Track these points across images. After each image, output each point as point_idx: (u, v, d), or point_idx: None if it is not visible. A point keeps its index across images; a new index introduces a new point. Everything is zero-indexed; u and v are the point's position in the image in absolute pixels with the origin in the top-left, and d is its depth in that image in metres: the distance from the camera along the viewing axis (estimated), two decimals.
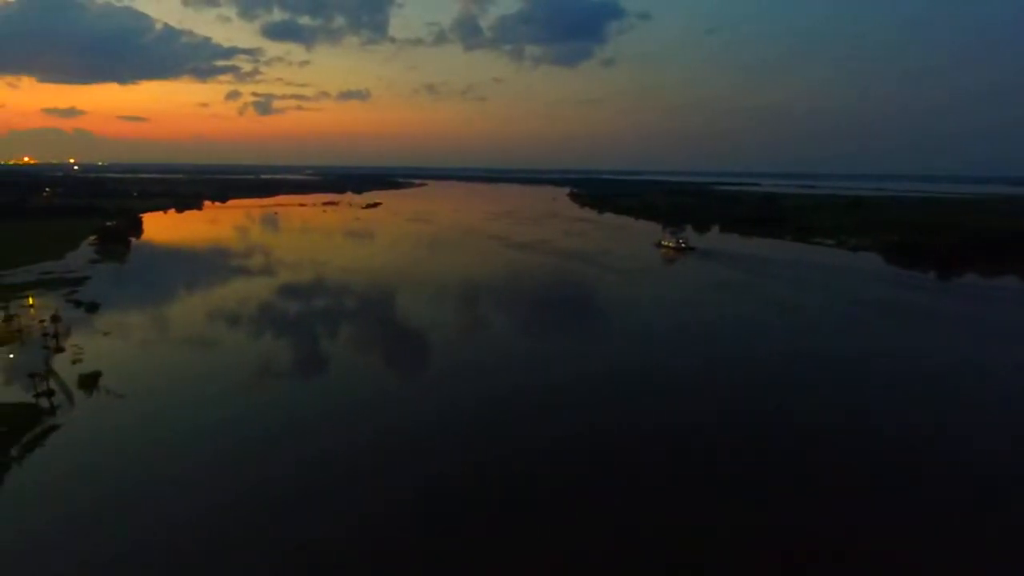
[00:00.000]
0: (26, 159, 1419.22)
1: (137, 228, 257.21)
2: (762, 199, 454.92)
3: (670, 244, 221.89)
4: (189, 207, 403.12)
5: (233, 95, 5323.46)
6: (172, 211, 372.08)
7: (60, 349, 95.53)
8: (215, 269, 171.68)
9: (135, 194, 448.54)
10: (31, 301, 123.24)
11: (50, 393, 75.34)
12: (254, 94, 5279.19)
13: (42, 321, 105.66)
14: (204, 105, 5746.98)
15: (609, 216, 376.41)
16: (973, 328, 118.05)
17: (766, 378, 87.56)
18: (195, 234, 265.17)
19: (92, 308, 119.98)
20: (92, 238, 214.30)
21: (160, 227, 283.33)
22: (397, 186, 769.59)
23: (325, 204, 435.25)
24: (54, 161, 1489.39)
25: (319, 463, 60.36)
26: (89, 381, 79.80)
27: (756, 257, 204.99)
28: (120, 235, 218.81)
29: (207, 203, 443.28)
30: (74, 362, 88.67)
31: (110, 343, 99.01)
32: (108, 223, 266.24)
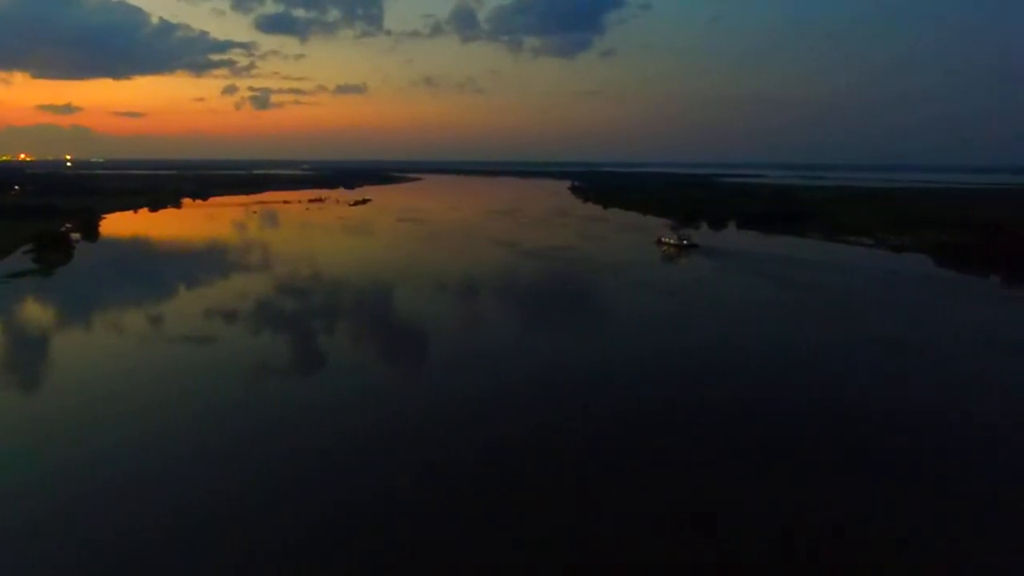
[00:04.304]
0: (22, 156, 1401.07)
1: (91, 231, 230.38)
2: (777, 192, 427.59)
3: (671, 241, 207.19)
4: (165, 205, 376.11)
5: (230, 89, 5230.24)
6: (145, 210, 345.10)
7: None
8: (153, 285, 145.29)
9: (108, 192, 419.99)
10: None
11: None
12: (251, 88, 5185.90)
13: None
14: (200, 100, 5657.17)
15: (616, 212, 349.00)
16: None
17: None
18: (156, 237, 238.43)
19: None
20: (30, 245, 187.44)
21: (121, 229, 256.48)
22: (391, 180, 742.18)
23: (311, 201, 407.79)
24: (50, 158, 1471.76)
25: None
26: None
27: (786, 259, 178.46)
28: (62, 241, 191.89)
29: (186, 200, 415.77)
30: None
31: None
32: (67, 225, 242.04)
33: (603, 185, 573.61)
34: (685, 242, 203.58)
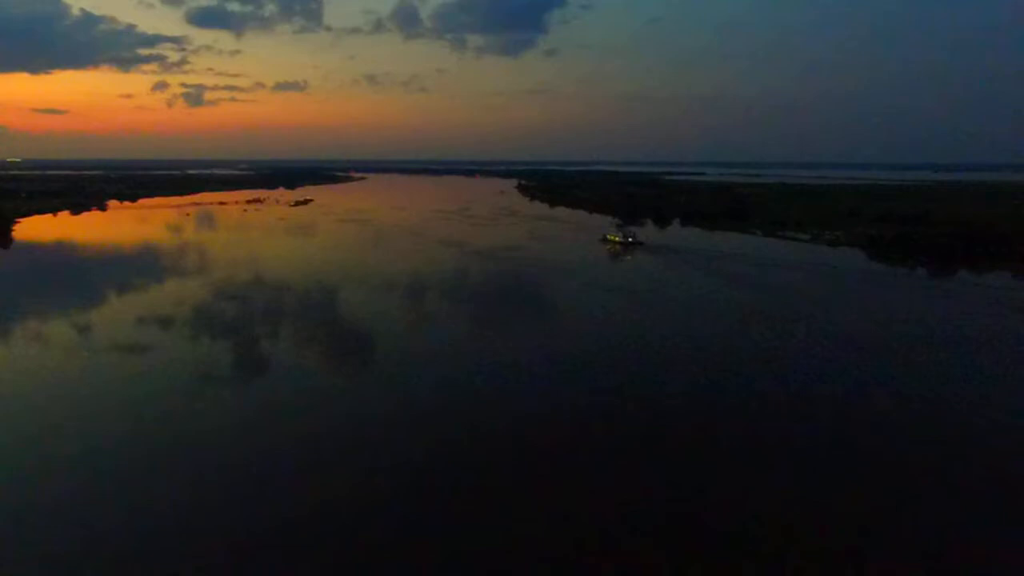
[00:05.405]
0: None
1: (3, 236, 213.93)
2: (718, 189, 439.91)
3: (616, 239, 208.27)
4: (88, 207, 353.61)
5: (160, 86, 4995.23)
6: (65, 213, 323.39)
7: None
8: (69, 294, 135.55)
9: (23, 194, 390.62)
10: None
11: None
12: (183, 85, 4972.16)
13: None
14: (128, 96, 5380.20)
15: (563, 211, 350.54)
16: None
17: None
18: (77, 241, 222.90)
19: None
20: None
21: (38, 233, 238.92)
22: (334, 180, 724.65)
23: (249, 202, 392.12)
24: None
25: None
26: None
27: (728, 254, 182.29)
28: None
29: (113, 203, 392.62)
30: None
31: None
32: None
33: (549, 184, 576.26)
34: (630, 239, 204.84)
